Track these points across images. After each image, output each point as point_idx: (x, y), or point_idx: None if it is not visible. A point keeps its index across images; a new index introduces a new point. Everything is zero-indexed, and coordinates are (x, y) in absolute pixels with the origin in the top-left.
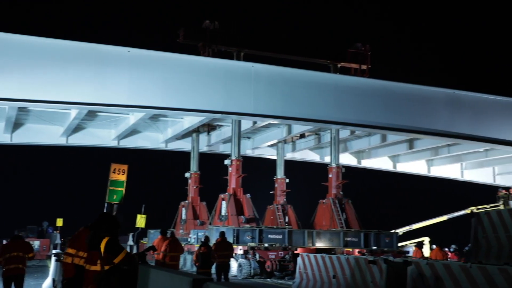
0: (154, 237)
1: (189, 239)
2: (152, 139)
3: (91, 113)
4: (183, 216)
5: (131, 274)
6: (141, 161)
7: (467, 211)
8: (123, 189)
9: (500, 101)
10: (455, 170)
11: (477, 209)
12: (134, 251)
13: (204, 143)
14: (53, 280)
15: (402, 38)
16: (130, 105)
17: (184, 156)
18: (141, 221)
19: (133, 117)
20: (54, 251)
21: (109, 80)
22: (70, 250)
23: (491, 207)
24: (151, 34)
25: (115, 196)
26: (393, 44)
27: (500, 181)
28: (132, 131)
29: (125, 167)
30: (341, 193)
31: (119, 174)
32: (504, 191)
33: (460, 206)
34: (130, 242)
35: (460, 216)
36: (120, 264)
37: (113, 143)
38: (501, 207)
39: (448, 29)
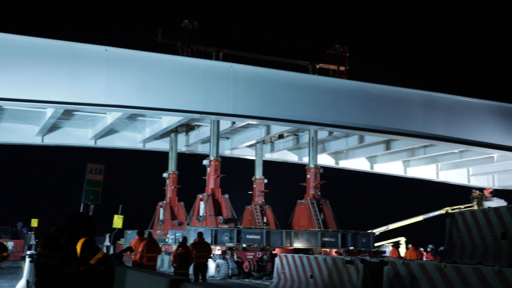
0: (131, 238)
1: (166, 240)
2: (130, 139)
3: (68, 112)
4: (161, 217)
5: (107, 275)
6: (118, 161)
7: (442, 211)
8: (99, 189)
9: (475, 103)
10: (430, 171)
11: (452, 209)
12: (111, 251)
13: (183, 143)
14: (27, 282)
15: (380, 40)
16: (107, 104)
17: (162, 156)
18: (118, 221)
19: (111, 116)
20: (28, 252)
21: (86, 79)
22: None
23: (465, 207)
24: (129, 33)
25: (91, 197)
26: (371, 45)
27: (474, 182)
28: (109, 131)
29: (102, 167)
30: (319, 193)
31: (95, 174)
32: (478, 192)
33: (435, 206)
34: (107, 242)
35: (435, 216)
36: (97, 265)
37: (90, 143)
38: (475, 207)
39: (426, 32)
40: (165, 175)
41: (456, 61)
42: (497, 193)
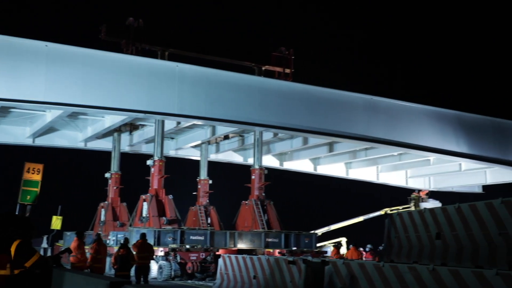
0: (70, 240)
1: (108, 241)
2: (71, 138)
3: (4, 109)
4: (102, 218)
5: (43, 278)
6: (58, 160)
7: (382, 212)
8: (37, 190)
9: (413, 108)
10: (371, 173)
11: (391, 210)
12: (49, 254)
13: (126, 143)
14: None
15: (325, 44)
16: (47, 101)
17: (104, 156)
18: (56, 222)
19: (50, 114)
20: None
21: (24, 75)
22: None
23: (403, 208)
24: (71, 29)
25: (28, 197)
26: (317, 49)
27: (412, 183)
28: (48, 129)
29: (40, 167)
30: (263, 194)
31: (33, 174)
32: (415, 193)
33: (375, 207)
34: (44, 244)
35: (375, 217)
36: (32, 267)
37: (28, 141)
38: (412, 208)
39: (370, 37)
40: (107, 175)
41: (397, 66)
42: (433, 194)
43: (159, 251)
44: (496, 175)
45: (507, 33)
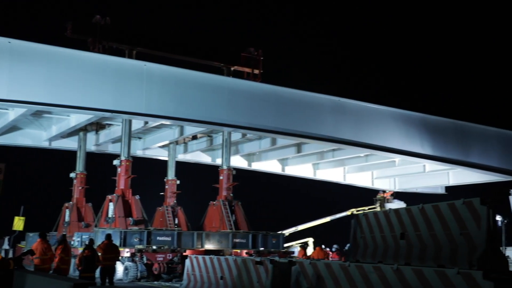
0: (33, 241)
1: (72, 242)
2: (34, 137)
3: None
4: (67, 218)
5: (4, 280)
6: (21, 160)
7: (348, 212)
8: None
9: (379, 110)
10: (338, 174)
11: (357, 210)
12: (10, 255)
13: (92, 142)
14: None
15: (294, 44)
16: (10, 99)
17: (69, 156)
18: (19, 223)
19: (13, 112)
20: None
21: None
22: None
23: (369, 209)
24: (36, 26)
25: None
26: (286, 49)
27: (378, 184)
28: (11, 128)
29: (1, 166)
30: (231, 195)
31: None
32: (380, 194)
33: (342, 208)
34: (6, 246)
35: (342, 217)
36: None
37: None
38: (378, 208)
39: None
40: (72, 175)
41: (364, 68)
42: (398, 195)
43: (125, 252)
44: (458, 176)
45: (470, 38)
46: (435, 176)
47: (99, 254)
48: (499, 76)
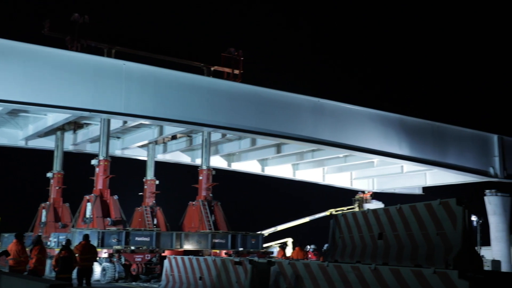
0: (8, 241)
1: (49, 243)
2: (10, 136)
3: None
4: (43, 219)
5: None
6: None
7: (327, 213)
8: None
9: (358, 111)
10: (317, 174)
11: (336, 211)
12: None
13: (70, 142)
14: None
15: (274, 45)
16: None
17: (46, 155)
18: None
19: None
20: None
21: None
22: None
23: (348, 209)
24: (12, 23)
25: None
26: (266, 50)
27: (357, 185)
28: None
29: None
30: (210, 195)
31: None
32: (359, 195)
33: (321, 208)
34: None
35: (321, 218)
36: None
37: None
38: (356, 209)
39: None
40: (49, 174)
41: (343, 69)
42: (376, 195)
43: (103, 253)
44: (435, 177)
45: (447, 40)
46: (412, 177)
47: (76, 255)
48: (474, 78)
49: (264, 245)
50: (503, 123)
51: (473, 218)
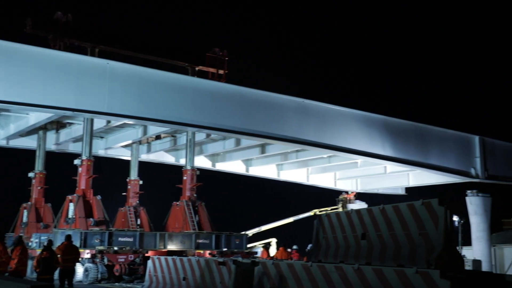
0: None
1: (30, 244)
2: None
3: None
4: (24, 219)
5: None
6: None
7: (311, 213)
8: None
9: (342, 111)
10: (301, 175)
11: (320, 211)
12: None
13: (52, 141)
14: None
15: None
16: None
17: (28, 154)
18: None
19: None
20: None
21: None
22: None
23: (331, 209)
24: None
25: None
26: (251, 50)
27: (340, 185)
28: None
29: None
30: (195, 195)
31: None
32: (343, 195)
33: (305, 208)
34: None
35: (305, 218)
36: None
37: None
38: (340, 209)
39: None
40: (31, 174)
41: (328, 70)
42: (360, 196)
43: (86, 254)
44: (418, 177)
45: (432, 41)
46: (395, 177)
47: (58, 255)
48: (456, 80)
49: (248, 245)
50: (485, 125)
51: (455, 218)
